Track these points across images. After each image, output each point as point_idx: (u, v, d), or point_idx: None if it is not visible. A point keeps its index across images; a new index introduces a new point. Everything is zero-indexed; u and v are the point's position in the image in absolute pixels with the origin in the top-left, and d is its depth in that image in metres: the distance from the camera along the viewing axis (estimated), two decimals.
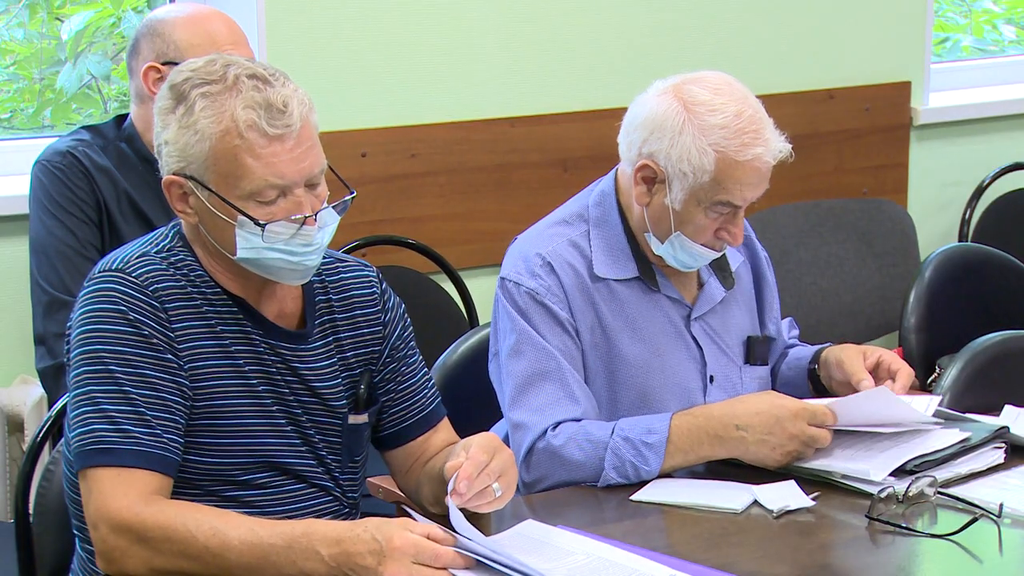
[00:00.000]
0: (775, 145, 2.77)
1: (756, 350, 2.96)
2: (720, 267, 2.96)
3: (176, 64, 3.26)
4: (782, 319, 3.12)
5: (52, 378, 3.28)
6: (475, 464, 2.34)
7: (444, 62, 4.35)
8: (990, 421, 2.83)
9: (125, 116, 3.41)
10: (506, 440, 2.88)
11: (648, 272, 2.87)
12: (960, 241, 5.02)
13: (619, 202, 2.89)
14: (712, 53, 4.68)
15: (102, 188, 3.31)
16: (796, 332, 3.15)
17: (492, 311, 2.89)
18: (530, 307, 2.80)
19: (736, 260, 3.00)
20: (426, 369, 2.64)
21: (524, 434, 2.75)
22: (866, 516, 2.50)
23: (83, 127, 3.44)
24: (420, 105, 4.34)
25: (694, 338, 2.90)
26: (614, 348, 2.83)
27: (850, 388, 2.83)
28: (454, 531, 2.24)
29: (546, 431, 2.73)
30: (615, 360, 2.83)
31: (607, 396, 2.84)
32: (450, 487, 2.32)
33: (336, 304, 2.52)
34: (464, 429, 2.66)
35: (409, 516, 2.31)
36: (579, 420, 2.75)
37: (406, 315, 2.61)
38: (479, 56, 4.40)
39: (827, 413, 2.65)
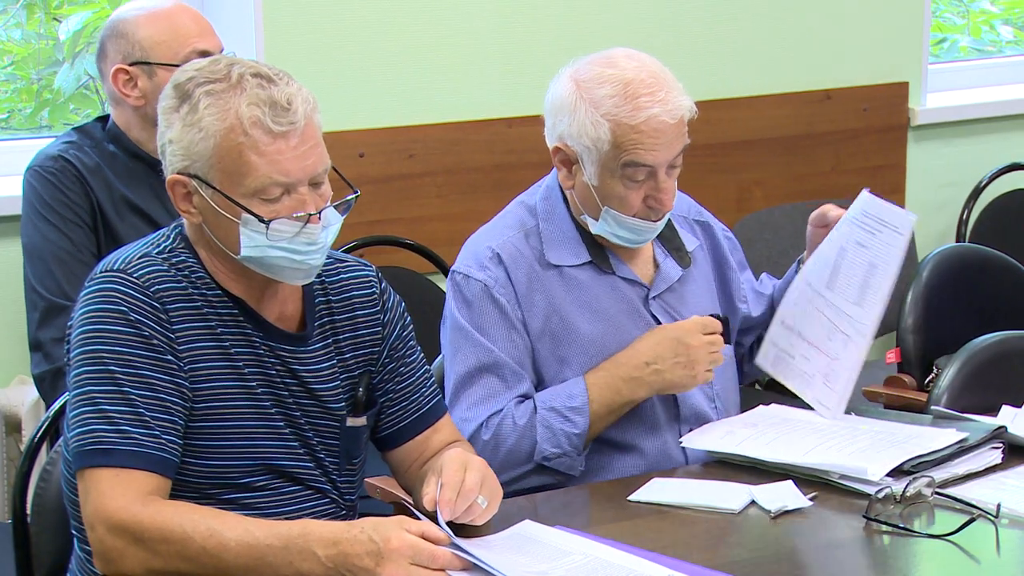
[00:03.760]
0: (675, 103, 2.78)
1: None
2: (676, 247, 2.98)
3: (144, 64, 3.26)
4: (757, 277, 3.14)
5: (48, 383, 3.26)
6: (451, 487, 2.33)
7: (441, 62, 4.35)
8: (988, 421, 2.83)
9: (108, 116, 3.40)
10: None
11: (601, 256, 2.89)
12: (957, 242, 5.02)
13: (564, 193, 2.92)
14: (709, 53, 4.67)
15: (95, 189, 3.30)
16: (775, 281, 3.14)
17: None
18: (476, 299, 2.83)
19: (692, 243, 3.01)
20: (427, 368, 2.64)
21: (466, 428, 2.79)
22: (863, 516, 2.50)
23: (72, 128, 3.43)
24: (418, 105, 4.34)
25: (653, 316, 2.91)
26: (573, 330, 2.85)
27: None
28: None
29: (483, 423, 2.78)
30: (575, 343, 2.85)
31: (566, 380, 2.83)
32: (440, 518, 2.29)
33: (336, 306, 2.52)
34: None
35: (408, 514, 2.30)
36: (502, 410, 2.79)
37: (406, 314, 2.61)
38: (476, 56, 4.40)
39: (715, 322, 2.77)
